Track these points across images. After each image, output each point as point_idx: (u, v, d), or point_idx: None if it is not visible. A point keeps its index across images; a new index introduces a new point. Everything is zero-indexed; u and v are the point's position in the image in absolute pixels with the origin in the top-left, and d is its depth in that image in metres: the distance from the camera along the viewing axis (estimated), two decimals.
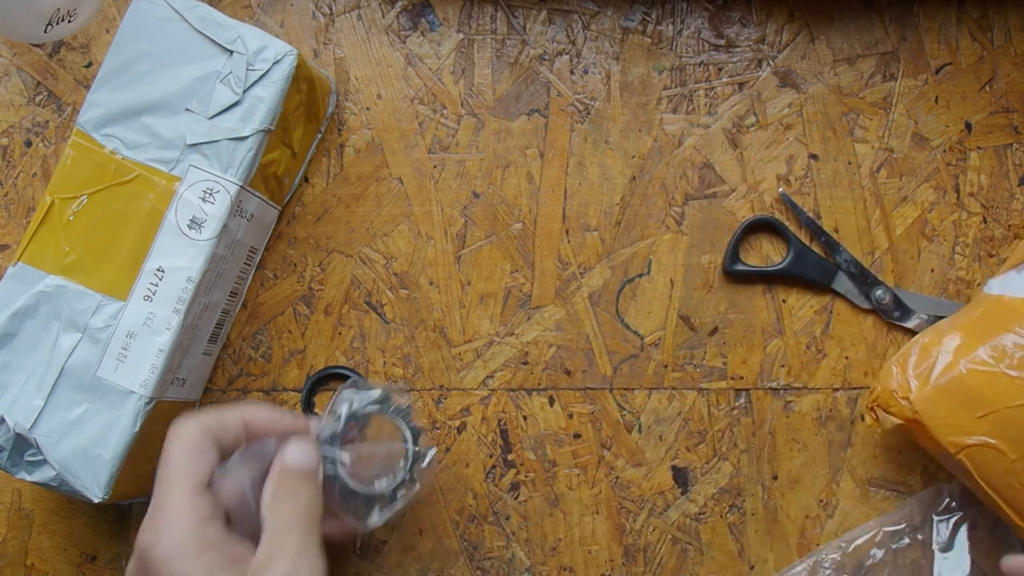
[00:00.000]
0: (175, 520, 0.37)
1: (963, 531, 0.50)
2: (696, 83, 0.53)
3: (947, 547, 0.50)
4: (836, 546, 0.51)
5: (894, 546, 0.50)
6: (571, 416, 0.52)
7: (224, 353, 0.53)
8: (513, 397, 0.52)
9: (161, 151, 0.47)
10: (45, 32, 0.49)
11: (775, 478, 0.52)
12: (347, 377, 0.52)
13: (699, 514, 0.52)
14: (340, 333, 0.53)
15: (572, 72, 0.54)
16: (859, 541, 0.51)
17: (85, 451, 0.45)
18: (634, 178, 0.53)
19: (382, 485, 0.43)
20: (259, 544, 0.38)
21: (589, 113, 0.53)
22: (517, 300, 0.53)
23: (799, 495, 0.52)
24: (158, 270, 0.46)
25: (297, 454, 0.41)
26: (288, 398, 0.53)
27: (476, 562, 0.52)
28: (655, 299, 0.53)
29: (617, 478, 0.52)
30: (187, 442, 0.39)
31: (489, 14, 0.54)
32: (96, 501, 0.45)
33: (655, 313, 0.53)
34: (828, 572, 0.51)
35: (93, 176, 0.47)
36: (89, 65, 0.54)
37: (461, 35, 0.54)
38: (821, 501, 0.52)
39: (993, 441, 0.44)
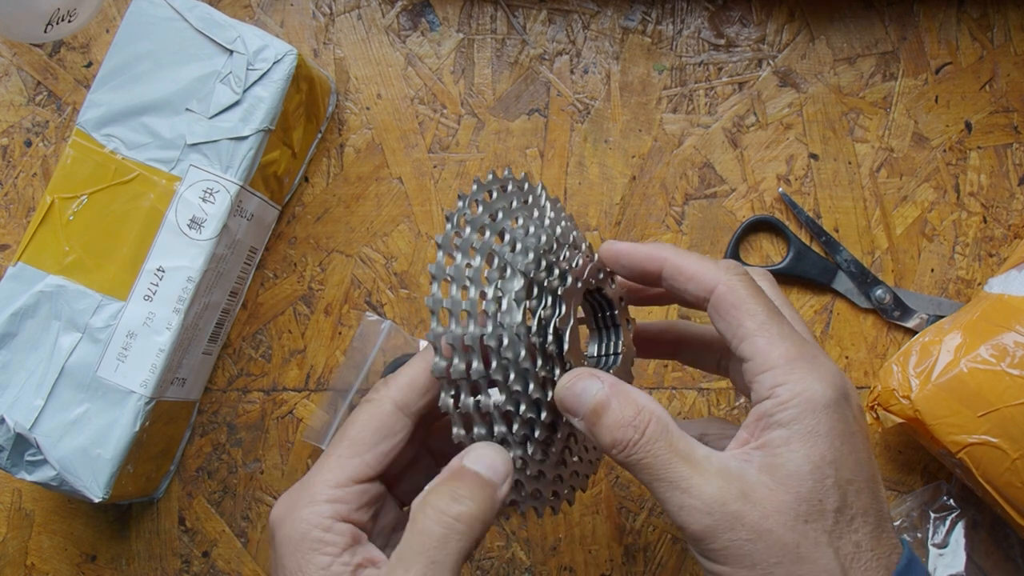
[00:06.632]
0: (318, 490, 0.31)
1: (959, 529, 0.50)
2: (696, 83, 0.53)
3: (943, 544, 0.50)
4: None
5: None
6: None
7: (224, 353, 0.53)
8: None
9: (161, 151, 0.47)
10: (45, 32, 0.49)
11: None
12: None
13: None
14: (340, 333, 0.53)
15: (572, 72, 0.54)
16: None
17: (85, 451, 0.45)
18: (634, 178, 0.53)
19: None
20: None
21: (589, 113, 0.53)
22: None
23: None
24: (158, 270, 0.46)
25: (485, 460, 0.32)
26: (288, 398, 0.52)
27: (476, 562, 0.52)
28: None
29: (617, 478, 0.52)
30: (373, 417, 0.33)
31: (489, 14, 0.54)
32: (96, 501, 0.45)
33: (655, 312, 0.53)
34: None
35: (93, 176, 0.47)
36: (89, 65, 0.54)
37: (461, 35, 0.54)
38: None
39: (994, 440, 0.44)
